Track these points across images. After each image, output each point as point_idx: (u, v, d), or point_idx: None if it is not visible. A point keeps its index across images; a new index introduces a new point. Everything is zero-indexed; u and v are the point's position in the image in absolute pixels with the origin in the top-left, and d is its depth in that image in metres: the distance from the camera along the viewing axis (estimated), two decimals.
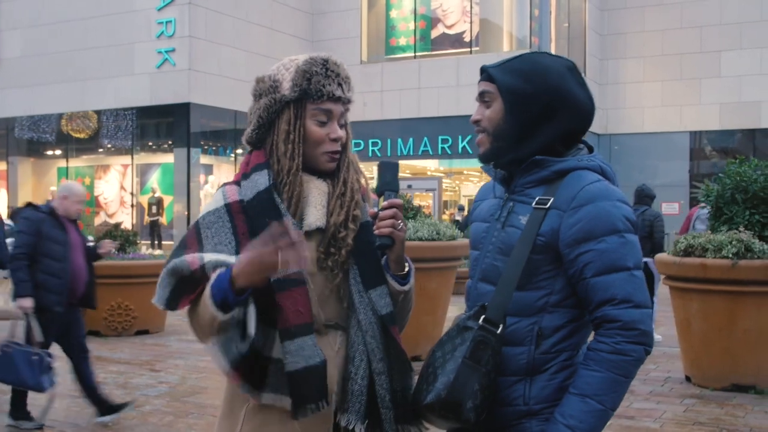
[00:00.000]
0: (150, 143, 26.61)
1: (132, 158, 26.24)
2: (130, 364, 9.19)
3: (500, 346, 2.17)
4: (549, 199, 2.22)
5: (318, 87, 2.28)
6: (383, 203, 2.29)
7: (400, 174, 2.39)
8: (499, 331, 2.16)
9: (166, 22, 24.28)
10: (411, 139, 27.46)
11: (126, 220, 24.95)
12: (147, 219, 25.25)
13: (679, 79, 29.61)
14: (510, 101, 2.28)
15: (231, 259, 2.15)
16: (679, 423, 6.46)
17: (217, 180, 25.74)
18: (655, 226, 10.49)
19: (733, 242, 7.35)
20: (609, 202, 2.18)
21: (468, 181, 34.23)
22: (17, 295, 6.20)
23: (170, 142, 25.36)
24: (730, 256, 7.27)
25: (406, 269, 2.39)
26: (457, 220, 22.13)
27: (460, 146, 26.93)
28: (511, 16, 27.79)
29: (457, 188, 36.63)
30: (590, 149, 2.39)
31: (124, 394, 7.52)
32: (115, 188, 27.02)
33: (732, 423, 6.46)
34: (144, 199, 25.82)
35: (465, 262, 10.28)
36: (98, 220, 26.49)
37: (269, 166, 2.29)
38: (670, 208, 28.62)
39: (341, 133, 2.34)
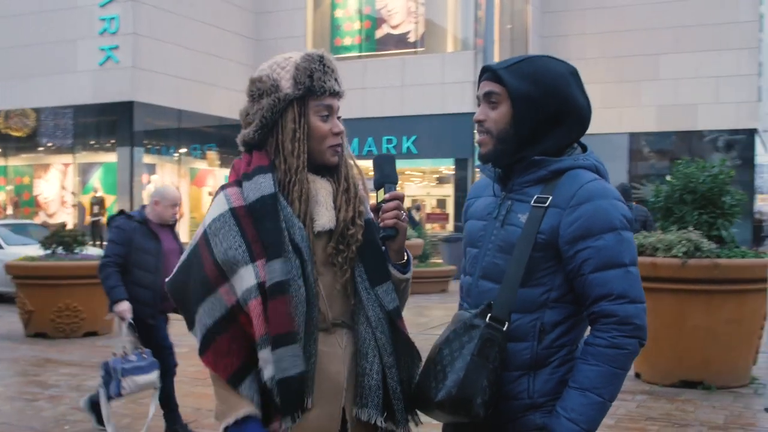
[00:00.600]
0: (92, 142, 26.22)
1: (73, 157, 25.85)
2: (82, 366, 9.07)
3: (506, 342, 2.24)
4: (547, 198, 2.29)
5: (320, 83, 2.32)
6: (385, 195, 2.34)
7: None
8: (505, 329, 2.24)
9: (110, 19, 24.02)
10: (355, 140, 27.45)
11: (67, 219, 24.56)
12: (88, 219, 24.87)
13: (618, 81, 30.11)
14: (519, 106, 2.32)
15: (250, 274, 2.20)
16: (633, 419, 6.61)
17: (161, 179, 25.49)
18: (648, 222, 10.76)
19: (683, 242, 7.53)
20: (606, 200, 2.26)
21: (409, 181, 34.29)
22: (113, 301, 5.94)
23: (113, 141, 25.05)
24: (680, 255, 7.45)
25: (405, 258, 2.45)
26: (413, 218, 22.24)
27: (405, 146, 27.05)
28: (455, 17, 28.00)
29: (399, 188, 36.59)
30: (584, 148, 2.46)
31: (78, 396, 7.41)
32: (56, 188, 26.60)
33: (683, 418, 6.62)
34: (85, 199, 25.45)
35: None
36: (38, 221, 26.05)
37: (273, 169, 2.31)
38: None
39: (342, 126, 2.39)
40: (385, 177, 2.38)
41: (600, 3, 31.24)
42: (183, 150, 26.66)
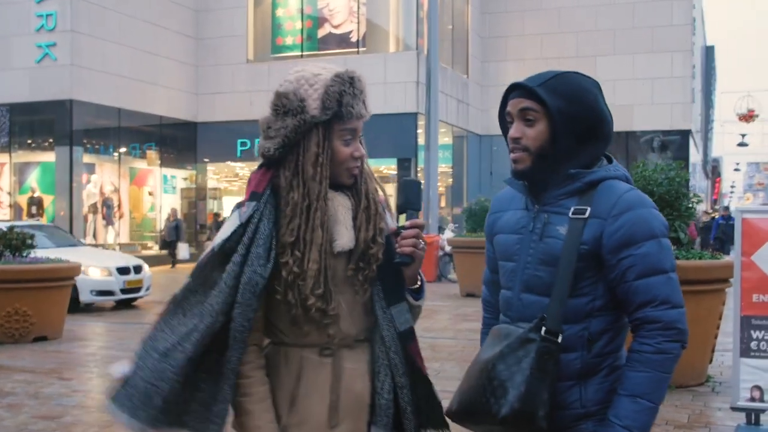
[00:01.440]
0: (29, 141, 25.64)
1: (9, 156, 25.24)
2: (35, 372, 8.88)
3: (560, 354, 2.28)
4: (586, 209, 2.33)
5: (348, 108, 2.27)
6: (406, 223, 2.35)
7: None
8: (559, 340, 2.28)
9: (47, 16, 23.48)
10: None
11: None
12: (26, 219, 24.35)
13: None
14: (558, 123, 2.35)
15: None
16: None
17: (100, 179, 25.10)
18: None
19: None
20: (646, 209, 2.33)
21: None
22: None
23: (51, 140, 24.50)
24: None
25: (419, 283, 2.45)
26: None
27: None
28: (397, 17, 28.07)
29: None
30: (609, 159, 2.50)
31: (38, 404, 7.28)
32: None
33: None
34: (22, 199, 24.89)
35: None
36: None
37: (258, 198, 2.29)
38: None
39: (363, 151, 2.36)
40: (409, 203, 2.39)
41: (538, 5, 31.69)
42: (123, 149, 26.22)
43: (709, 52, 64.37)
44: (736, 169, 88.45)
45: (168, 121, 27.02)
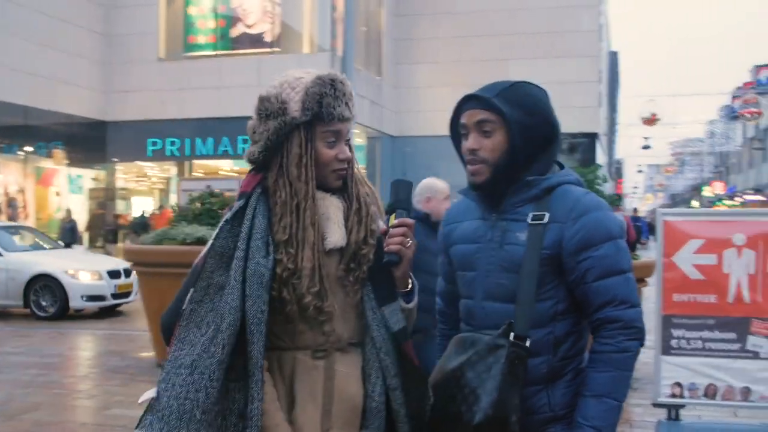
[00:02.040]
0: None
1: None
2: None
3: (528, 358, 2.31)
4: (544, 214, 2.38)
5: (329, 110, 2.28)
6: (394, 221, 2.35)
7: (196, 173, 2.43)
8: (528, 345, 2.30)
9: None
10: (211, 139, 27.07)
11: None
12: None
13: (469, 85, 30.30)
14: (516, 133, 2.38)
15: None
16: None
17: (5, 179, 24.36)
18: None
19: None
20: (602, 212, 2.39)
21: None
22: None
23: None
24: None
25: (410, 286, 2.45)
26: None
27: None
28: (311, 18, 27.95)
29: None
30: (560, 165, 2.56)
31: None
32: None
33: None
34: None
35: None
36: None
37: (247, 196, 2.31)
38: None
39: (349, 153, 2.37)
40: (398, 203, 2.39)
41: (451, 8, 32.00)
42: (29, 148, 25.50)
43: (613, 57, 65.99)
44: (639, 171, 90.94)
45: (76, 119, 26.31)
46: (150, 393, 2.19)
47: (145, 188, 31.51)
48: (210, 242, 2.30)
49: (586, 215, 2.35)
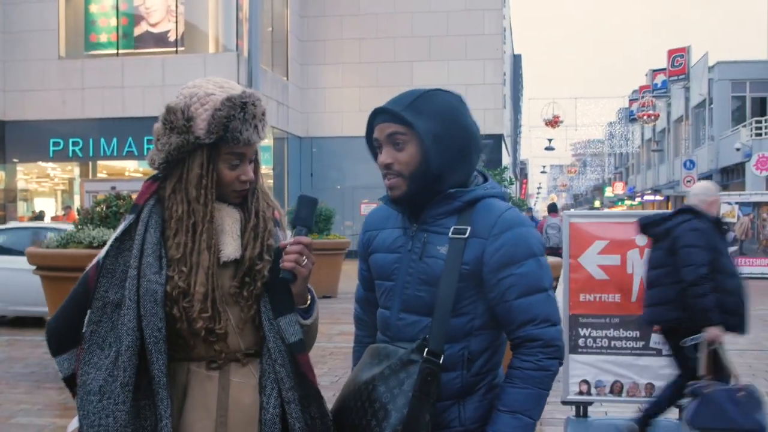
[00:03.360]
0: None
1: None
2: None
3: (442, 373, 2.28)
4: (466, 228, 2.33)
5: (235, 134, 2.21)
6: (290, 239, 2.30)
7: (101, 174, 2.39)
8: (441, 361, 2.26)
9: None
10: (115, 139, 26.53)
11: None
12: None
13: (375, 86, 31.05)
14: (429, 144, 2.31)
15: None
16: None
17: None
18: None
19: None
20: (525, 228, 2.35)
21: None
22: (706, 323, 5.23)
23: None
24: None
25: (308, 303, 2.39)
26: None
27: None
28: (216, 18, 27.66)
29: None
30: (484, 177, 2.52)
31: None
32: None
33: None
34: None
35: None
36: None
37: (138, 210, 2.28)
38: (369, 208, 29.98)
39: (251, 175, 2.32)
40: (299, 219, 2.33)
41: (356, 10, 32.12)
42: None
43: (516, 60, 67.13)
44: (543, 172, 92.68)
45: None
46: (74, 424, 2.20)
47: (47, 189, 30.69)
48: (98, 259, 2.25)
49: (509, 231, 2.32)
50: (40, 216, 26.08)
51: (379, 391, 2.25)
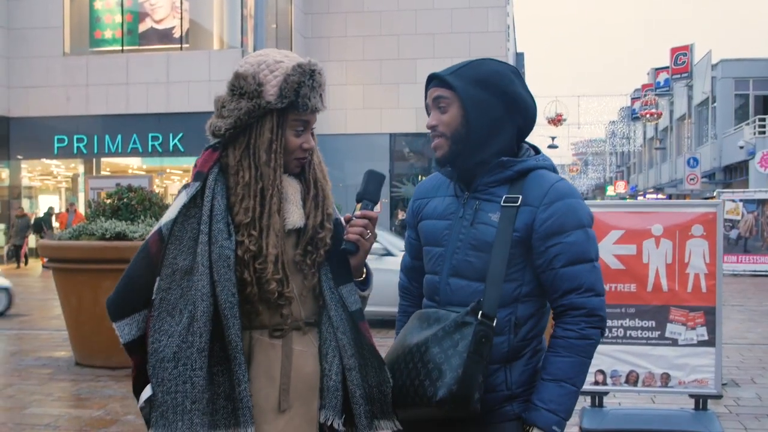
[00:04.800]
0: None
1: None
2: None
3: (494, 337, 2.32)
4: (518, 197, 2.40)
5: (305, 100, 2.27)
6: (357, 212, 2.38)
7: (104, 171, 2.38)
8: (495, 324, 2.32)
9: None
10: (119, 136, 26.55)
11: None
12: None
13: (378, 83, 31.08)
14: (469, 107, 2.41)
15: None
16: None
17: None
18: None
19: None
20: (575, 199, 2.41)
21: (169, 180, 33.36)
22: None
23: None
24: None
25: (364, 276, 2.47)
26: None
27: (171, 144, 26.45)
28: (221, 14, 27.72)
29: (164, 187, 35.71)
30: (536, 150, 2.58)
31: None
32: None
33: None
34: None
35: None
36: None
37: (203, 177, 2.28)
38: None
39: (313, 143, 2.37)
40: (367, 193, 2.42)
41: (360, 7, 32.12)
42: None
43: (519, 58, 67.09)
44: None
45: None
46: (147, 392, 2.21)
47: (51, 186, 30.70)
48: (159, 227, 2.27)
49: (559, 201, 2.37)
50: (49, 212, 26.14)
51: (432, 352, 2.29)
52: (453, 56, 31.24)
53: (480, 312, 2.31)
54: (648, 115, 47.13)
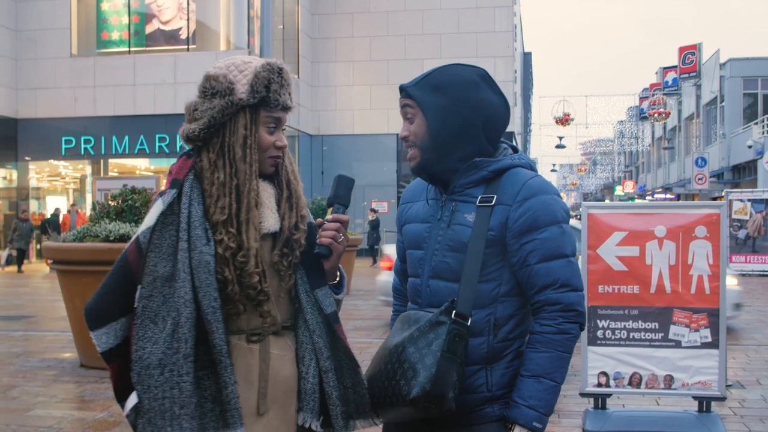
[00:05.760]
0: None
1: None
2: None
3: (469, 337, 2.34)
4: (492, 197, 2.41)
5: (275, 96, 2.32)
6: (329, 216, 2.41)
7: (112, 173, 2.39)
8: (469, 324, 2.33)
9: None
10: (127, 137, 26.61)
11: None
12: None
13: (385, 83, 31.09)
14: (430, 116, 2.43)
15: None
16: None
17: None
18: None
19: None
20: (549, 195, 2.41)
21: None
22: None
23: None
24: None
25: (337, 279, 2.50)
26: None
27: (179, 145, 26.50)
28: (227, 15, 27.74)
29: None
30: (514, 150, 2.58)
31: None
32: None
33: None
34: None
35: None
36: None
37: (179, 185, 2.28)
38: (379, 206, 30.02)
39: (285, 141, 2.41)
40: (338, 197, 2.45)
41: (367, 8, 32.14)
42: None
43: (527, 58, 67.10)
44: (553, 170, 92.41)
45: None
46: (132, 399, 2.22)
47: (59, 187, 30.77)
48: (137, 236, 2.27)
49: (533, 198, 2.38)
50: (56, 213, 26.17)
51: (408, 352, 2.32)
52: (460, 56, 31.27)
53: (453, 311, 2.33)
54: (656, 115, 46.98)
